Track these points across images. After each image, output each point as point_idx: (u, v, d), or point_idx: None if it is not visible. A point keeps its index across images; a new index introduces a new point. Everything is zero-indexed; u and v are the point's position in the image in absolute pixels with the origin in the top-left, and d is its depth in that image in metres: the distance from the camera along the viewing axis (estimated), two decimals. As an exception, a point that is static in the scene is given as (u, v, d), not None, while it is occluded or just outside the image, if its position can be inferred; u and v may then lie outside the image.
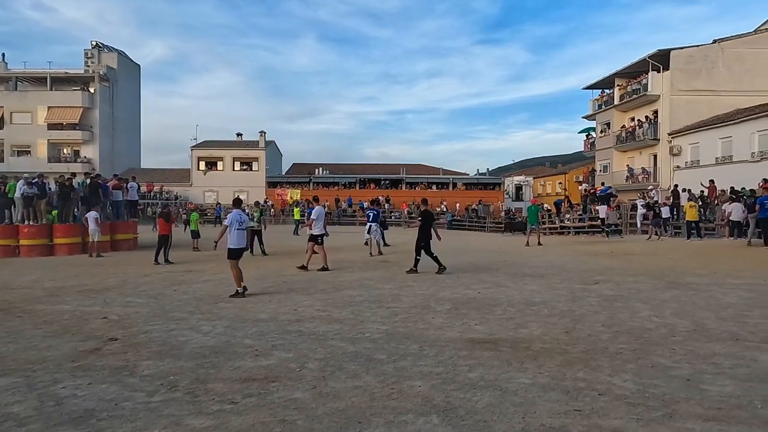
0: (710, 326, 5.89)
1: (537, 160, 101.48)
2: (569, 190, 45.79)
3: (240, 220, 8.72)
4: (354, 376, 4.37)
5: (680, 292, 8.16)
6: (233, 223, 8.66)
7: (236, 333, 5.98)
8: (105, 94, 47.71)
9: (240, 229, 8.71)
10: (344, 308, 7.37)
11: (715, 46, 30.44)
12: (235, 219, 8.68)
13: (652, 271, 10.69)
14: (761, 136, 24.82)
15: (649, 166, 32.92)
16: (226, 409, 3.70)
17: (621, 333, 5.68)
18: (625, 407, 3.58)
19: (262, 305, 7.74)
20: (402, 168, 51.14)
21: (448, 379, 4.25)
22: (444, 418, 3.45)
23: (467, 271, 11.34)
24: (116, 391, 4.10)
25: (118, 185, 18.70)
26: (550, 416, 3.45)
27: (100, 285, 9.98)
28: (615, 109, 35.84)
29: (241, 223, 8.75)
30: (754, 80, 29.13)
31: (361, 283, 9.82)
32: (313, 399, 3.85)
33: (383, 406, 3.70)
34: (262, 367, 4.66)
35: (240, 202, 9.53)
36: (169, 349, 5.35)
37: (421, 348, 5.21)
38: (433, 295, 8.37)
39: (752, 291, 8.08)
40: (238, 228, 8.68)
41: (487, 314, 6.83)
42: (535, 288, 8.86)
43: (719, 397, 3.73)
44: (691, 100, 30.14)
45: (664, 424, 3.30)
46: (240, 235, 8.73)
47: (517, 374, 4.33)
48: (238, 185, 46.88)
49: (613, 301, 7.56)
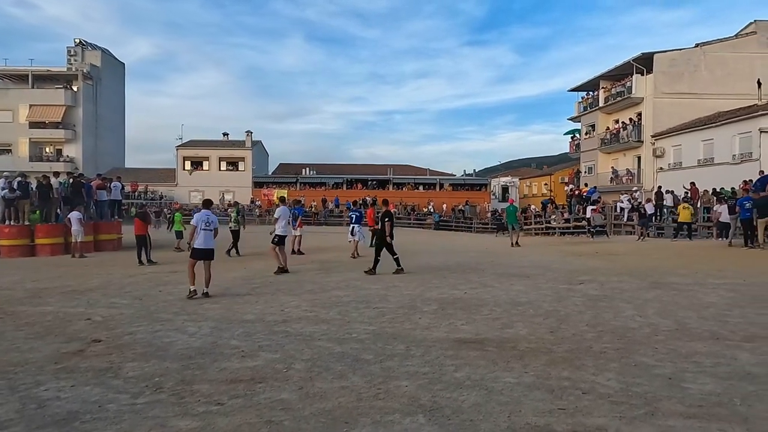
0: (692, 325, 5.99)
1: (523, 161, 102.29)
2: (554, 191, 46.19)
3: (206, 221, 8.59)
4: (341, 376, 4.38)
5: (663, 291, 8.28)
6: (199, 223, 8.60)
7: (222, 334, 5.94)
8: (88, 93, 47.13)
9: (206, 230, 8.57)
10: (331, 309, 7.37)
11: (698, 50, 30.96)
12: (200, 219, 8.62)
13: (635, 271, 10.84)
14: (742, 139, 25.30)
15: (633, 168, 33.37)
16: (212, 411, 3.68)
17: (605, 332, 5.76)
18: (608, 406, 3.63)
19: (248, 306, 7.71)
20: (389, 168, 51.22)
21: (435, 378, 4.27)
22: (430, 418, 3.47)
23: (454, 272, 11.39)
24: (100, 393, 4.06)
25: (102, 185, 18.48)
26: (535, 415, 3.48)
27: (84, 286, 9.86)
28: (600, 111, 36.29)
29: (208, 223, 8.60)
30: (735, 84, 29.67)
31: (348, 283, 9.82)
32: (300, 400, 3.85)
33: (370, 406, 3.71)
34: (248, 368, 4.64)
35: (210, 203, 9.38)
36: (155, 350, 5.30)
37: (408, 348, 5.23)
38: (420, 295, 8.40)
39: (733, 291, 8.22)
40: (204, 228, 8.55)
41: (474, 314, 6.87)
42: (521, 288, 8.94)
43: (700, 395, 3.79)
44: (674, 102, 30.63)
45: (646, 422, 3.36)
46: (206, 236, 8.58)
47: (503, 374, 4.37)
48: (224, 185, 46.63)
49: (598, 300, 7.65)
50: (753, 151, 24.36)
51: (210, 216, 8.72)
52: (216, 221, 8.81)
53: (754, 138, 24.42)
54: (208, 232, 8.61)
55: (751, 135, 24.56)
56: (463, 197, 46.51)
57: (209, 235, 8.63)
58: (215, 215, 9.31)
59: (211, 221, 8.68)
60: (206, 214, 8.74)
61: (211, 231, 8.65)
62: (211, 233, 8.67)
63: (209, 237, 8.64)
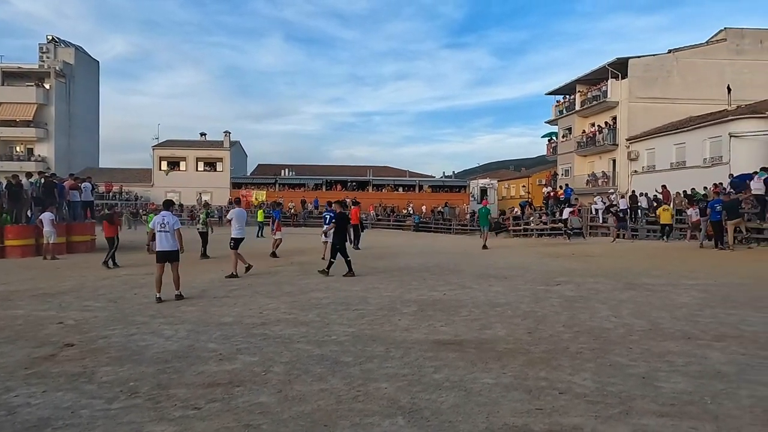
0: (665, 325, 6.13)
1: (501, 163, 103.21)
2: (532, 193, 46.76)
3: (161, 223, 8.42)
4: (320, 379, 4.36)
5: (637, 292, 8.45)
6: (154, 225, 8.52)
7: (200, 337, 5.87)
8: (61, 91, 46.06)
9: (161, 232, 8.40)
10: (310, 311, 7.33)
11: (670, 56, 31.68)
12: (156, 222, 8.54)
13: (610, 272, 11.03)
14: (712, 143, 25.95)
15: (608, 171, 33.97)
16: (189, 415, 3.63)
17: (581, 333, 5.85)
18: (584, 405, 3.69)
19: (226, 308, 7.63)
20: (369, 170, 51.17)
21: (414, 380, 4.29)
22: (410, 420, 3.48)
23: (433, 273, 11.44)
24: (73, 398, 3.97)
25: (75, 185, 18.07)
26: (513, 415, 3.52)
27: (56, 288, 9.63)
28: (576, 115, 36.84)
29: (162, 225, 8.41)
30: (706, 89, 30.41)
31: (328, 285, 9.79)
32: (279, 403, 3.82)
33: (349, 408, 3.70)
34: (226, 372, 4.59)
35: (170, 203, 9.08)
36: (130, 354, 5.21)
37: (388, 350, 5.24)
38: (400, 297, 8.41)
39: (704, 292, 8.44)
40: (159, 230, 8.41)
41: (453, 315, 6.91)
42: (499, 289, 9.02)
43: (672, 394, 3.88)
44: (648, 107, 31.27)
45: (621, 420, 3.42)
46: (161, 238, 8.40)
47: (482, 374, 4.41)
48: (201, 186, 46.03)
49: (574, 301, 7.77)
50: (723, 155, 25.01)
51: (166, 217, 8.50)
52: (173, 222, 8.50)
53: (724, 142, 25.08)
54: (163, 233, 8.40)
55: (722, 139, 25.21)
56: (442, 199, 46.71)
57: (165, 236, 8.40)
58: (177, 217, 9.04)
59: (167, 223, 8.44)
60: (162, 215, 8.57)
61: (167, 232, 8.40)
62: (168, 234, 8.41)
63: (164, 238, 8.41)
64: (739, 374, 4.31)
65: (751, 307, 7.06)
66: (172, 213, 8.74)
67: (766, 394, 3.83)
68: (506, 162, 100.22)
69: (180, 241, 8.56)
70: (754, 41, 31.43)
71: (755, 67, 30.92)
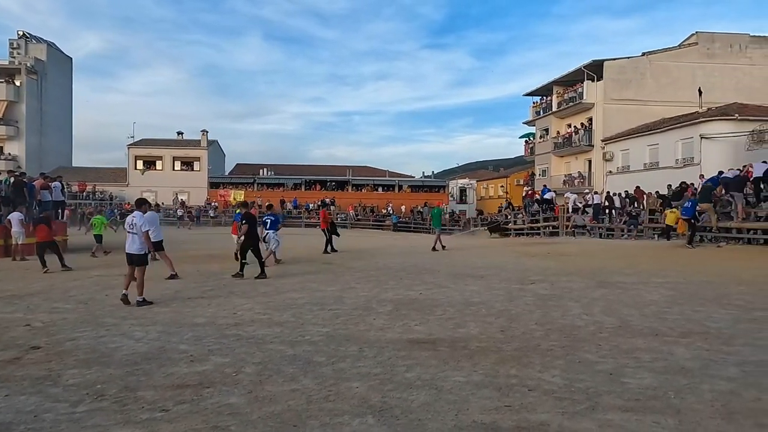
0: (634, 323, 6.25)
1: (480, 163, 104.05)
2: (510, 193, 47.23)
3: (131, 223, 8.11)
4: (291, 379, 4.34)
5: (609, 290, 8.60)
6: (126, 226, 8.24)
7: (171, 338, 5.79)
8: (32, 88, 44.96)
9: (130, 233, 8.07)
10: (285, 311, 7.29)
11: (644, 59, 32.33)
12: (126, 222, 8.30)
13: (584, 271, 11.20)
14: (684, 144, 26.58)
15: (584, 171, 34.52)
16: (156, 417, 3.58)
17: (553, 331, 5.93)
18: (552, 401, 3.75)
19: (200, 309, 7.54)
20: (348, 170, 51.11)
21: (386, 379, 4.30)
22: (379, 418, 3.49)
23: (410, 273, 11.48)
24: (36, 402, 3.88)
25: (45, 185, 17.63)
26: (482, 413, 3.56)
27: (24, 290, 9.40)
28: (553, 116, 37.36)
29: (132, 226, 8.07)
30: (678, 92, 31.12)
31: (304, 285, 9.74)
32: (249, 404, 3.79)
33: (320, 408, 3.69)
34: (196, 373, 4.53)
35: (143, 203, 8.69)
36: (98, 356, 5.11)
37: (361, 349, 5.23)
38: (376, 296, 8.42)
39: (673, 289, 8.62)
40: (128, 231, 8.11)
41: (428, 315, 6.94)
42: (475, 288, 9.09)
43: (638, 390, 3.96)
44: (623, 108, 31.86)
45: (586, 416, 3.48)
46: (130, 240, 8.07)
47: (453, 373, 4.44)
48: (178, 185, 45.43)
49: (547, 300, 7.87)
50: (694, 156, 25.63)
51: (136, 218, 8.11)
52: (140, 223, 8.07)
53: (695, 143, 25.70)
54: (131, 235, 8.07)
55: (693, 141, 25.83)
56: (421, 199, 46.92)
57: (133, 238, 8.05)
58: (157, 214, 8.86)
59: (135, 224, 8.05)
60: (132, 215, 8.25)
61: (135, 234, 8.02)
62: (136, 236, 8.03)
63: (132, 240, 8.06)
64: (702, 369, 4.41)
65: (717, 304, 7.24)
66: (144, 213, 8.38)
67: (727, 389, 3.94)
68: (485, 162, 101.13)
69: (148, 243, 8.21)
70: (724, 45, 32.27)
71: (725, 71, 31.76)
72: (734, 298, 7.68)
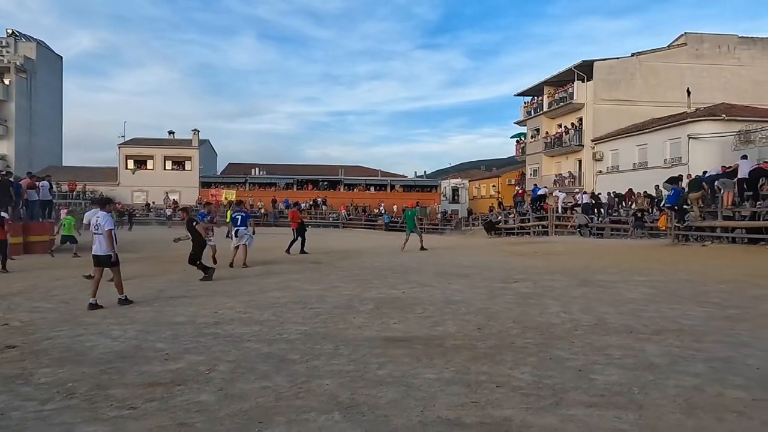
0: (610, 320, 6.31)
1: (473, 163, 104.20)
2: (502, 192, 47.37)
3: (95, 224, 7.70)
4: (264, 377, 4.36)
5: (589, 289, 8.67)
6: (91, 227, 7.87)
7: (148, 337, 5.79)
8: (22, 87, 44.62)
9: (95, 234, 7.71)
10: (266, 310, 7.30)
11: (633, 59, 32.53)
12: (91, 223, 7.88)
13: (568, 269, 11.28)
14: (672, 144, 26.78)
15: (575, 171, 34.70)
16: (123, 415, 3.59)
17: (529, 328, 5.98)
18: (518, 398, 3.79)
19: (181, 308, 7.53)
20: (340, 169, 51.09)
21: (357, 376, 4.32)
22: (345, 415, 3.52)
23: (396, 272, 11.51)
24: (5, 400, 3.88)
25: (32, 184, 17.54)
26: (448, 409, 3.59)
27: (6, 290, 9.36)
28: (544, 116, 37.52)
29: (96, 226, 7.67)
30: (667, 92, 31.35)
31: (288, 284, 9.75)
32: (218, 401, 3.81)
33: (288, 405, 3.72)
34: (169, 371, 4.54)
35: (106, 201, 8.29)
36: (73, 355, 5.11)
37: (337, 347, 5.26)
38: (358, 295, 8.44)
39: (653, 288, 8.71)
40: (93, 232, 7.75)
41: (408, 313, 6.98)
42: (457, 287, 9.13)
43: (604, 386, 4.01)
44: (612, 109, 32.05)
45: (550, 411, 3.52)
46: (96, 241, 7.73)
47: (425, 370, 4.47)
48: (169, 185, 45.25)
49: (528, 298, 7.93)
50: (682, 156, 25.84)
51: (99, 218, 7.71)
52: (104, 223, 7.63)
53: (683, 143, 25.91)
54: (96, 236, 7.71)
55: (681, 141, 26.04)
56: (413, 198, 46.78)
57: (99, 239, 7.68)
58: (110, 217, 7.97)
59: (99, 224, 7.64)
60: (96, 215, 7.87)
61: (100, 235, 7.63)
62: (101, 237, 7.63)
63: (97, 241, 7.71)
64: (670, 366, 4.47)
65: (694, 302, 7.33)
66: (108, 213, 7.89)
67: (691, 384, 4.00)
68: (478, 162, 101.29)
69: (109, 244, 7.67)
70: (712, 46, 32.54)
71: (713, 71, 32.02)
72: (712, 296, 7.77)
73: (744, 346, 5.05)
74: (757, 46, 32.90)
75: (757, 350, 4.91)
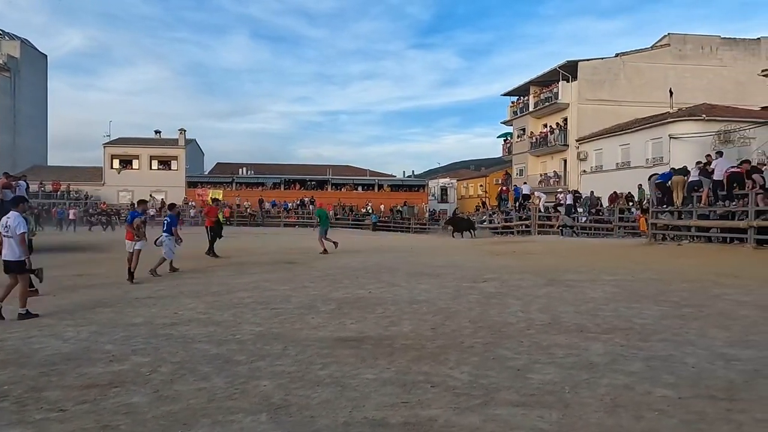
0: (565, 319, 6.35)
1: (464, 163, 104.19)
2: (489, 192, 47.52)
3: (5, 225, 7.05)
4: (203, 378, 4.35)
5: (555, 288, 8.71)
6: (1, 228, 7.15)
7: (100, 338, 5.76)
8: (5, 85, 44.17)
9: (5, 236, 7.08)
10: (227, 310, 7.29)
11: (617, 60, 32.74)
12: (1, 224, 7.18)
13: (540, 269, 11.32)
14: (654, 144, 27.00)
15: (560, 171, 34.87)
16: (50, 417, 3.57)
17: (483, 328, 6.01)
18: (450, 397, 3.81)
19: (143, 309, 7.50)
20: (328, 169, 51.01)
21: (297, 377, 4.33)
22: (272, 416, 3.52)
23: (369, 271, 11.52)
24: (-66, 403, 3.85)
25: (8, 184, 17.31)
26: (376, 409, 3.60)
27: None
28: (530, 116, 37.68)
29: (6, 228, 7.03)
30: (650, 92, 31.57)
31: (257, 285, 9.73)
32: (150, 403, 3.80)
33: (218, 406, 3.71)
34: (110, 373, 4.52)
35: (20, 200, 7.65)
36: (18, 357, 5.07)
37: (285, 348, 5.26)
38: (324, 295, 8.44)
39: (618, 287, 8.77)
40: (4, 235, 7.09)
41: (368, 313, 6.99)
42: (425, 287, 9.15)
43: (538, 385, 4.04)
44: (597, 109, 32.24)
45: (476, 411, 3.55)
46: (6, 245, 7.10)
47: (366, 370, 4.48)
48: (155, 185, 44.95)
49: (491, 297, 7.96)
50: (664, 156, 26.04)
51: (11, 219, 7.07)
52: (14, 225, 7.02)
53: (664, 143, 26.13)
54: (7, 240, 7.09)
55: (662, 141, 26.26)
56: (401, 198, 47.05)
57: (9, 243, 7.07)
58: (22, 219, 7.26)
59: (9, 226, 7.01)
60: (6, 217, 7.19)
61: (11, 238, 7.01)
62: (13, 241, 7.02)
63: (8, 245, 7.10)
64: (609, 364, 4.51)
65: (652, 301, 7.39)
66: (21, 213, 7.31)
67: (623, 383, 4.04)
68: (469, 162, 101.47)
69: (24, 249, 7.10)
70: (695, 47, 32.81)
71: (696, 72, 32.29)
72: (672, 295, 7.84)
73: (688, 345, 5.10)
74: (739, 47, 33.22)
75: (699, 349, 4.96)
